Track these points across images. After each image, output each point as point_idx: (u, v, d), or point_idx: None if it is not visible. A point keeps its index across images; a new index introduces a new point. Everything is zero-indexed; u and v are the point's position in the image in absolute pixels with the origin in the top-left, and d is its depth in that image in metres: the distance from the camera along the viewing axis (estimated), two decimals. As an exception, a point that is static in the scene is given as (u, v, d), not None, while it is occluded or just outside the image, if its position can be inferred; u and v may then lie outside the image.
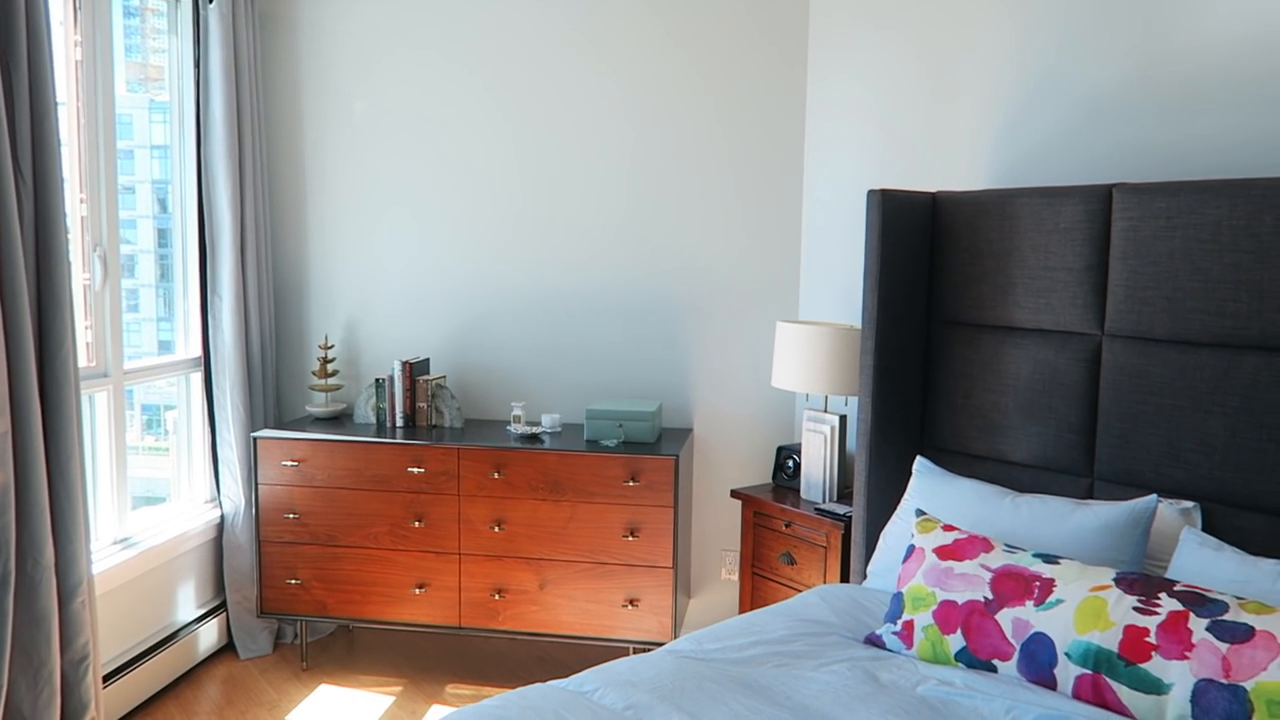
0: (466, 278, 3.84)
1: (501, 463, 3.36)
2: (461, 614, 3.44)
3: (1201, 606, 1.84)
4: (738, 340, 3.71)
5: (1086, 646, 1.91)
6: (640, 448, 3.36)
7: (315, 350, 3.91)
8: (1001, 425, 2.70)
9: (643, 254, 3.73)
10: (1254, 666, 1.71)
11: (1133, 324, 2.41)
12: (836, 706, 1.93)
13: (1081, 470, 2.54)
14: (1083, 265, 2.50)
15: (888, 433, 2.84)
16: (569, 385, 3.81)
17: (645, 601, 3.33)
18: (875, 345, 2.78)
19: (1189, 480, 2.31)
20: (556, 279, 3.78)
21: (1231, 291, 2.22)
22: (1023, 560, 2.13)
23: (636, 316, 3.75)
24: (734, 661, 2.15)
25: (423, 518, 3.41)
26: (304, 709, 3.28)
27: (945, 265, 2.83)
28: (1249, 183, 2.20)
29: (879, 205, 2.74)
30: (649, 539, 3.30)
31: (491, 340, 3.85)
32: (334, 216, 3.89)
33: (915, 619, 2.19)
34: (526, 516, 3.36)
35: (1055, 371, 2.58)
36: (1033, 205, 2.61)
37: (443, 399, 3.69)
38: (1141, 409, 2.40)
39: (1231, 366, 2.24)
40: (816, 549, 3.12)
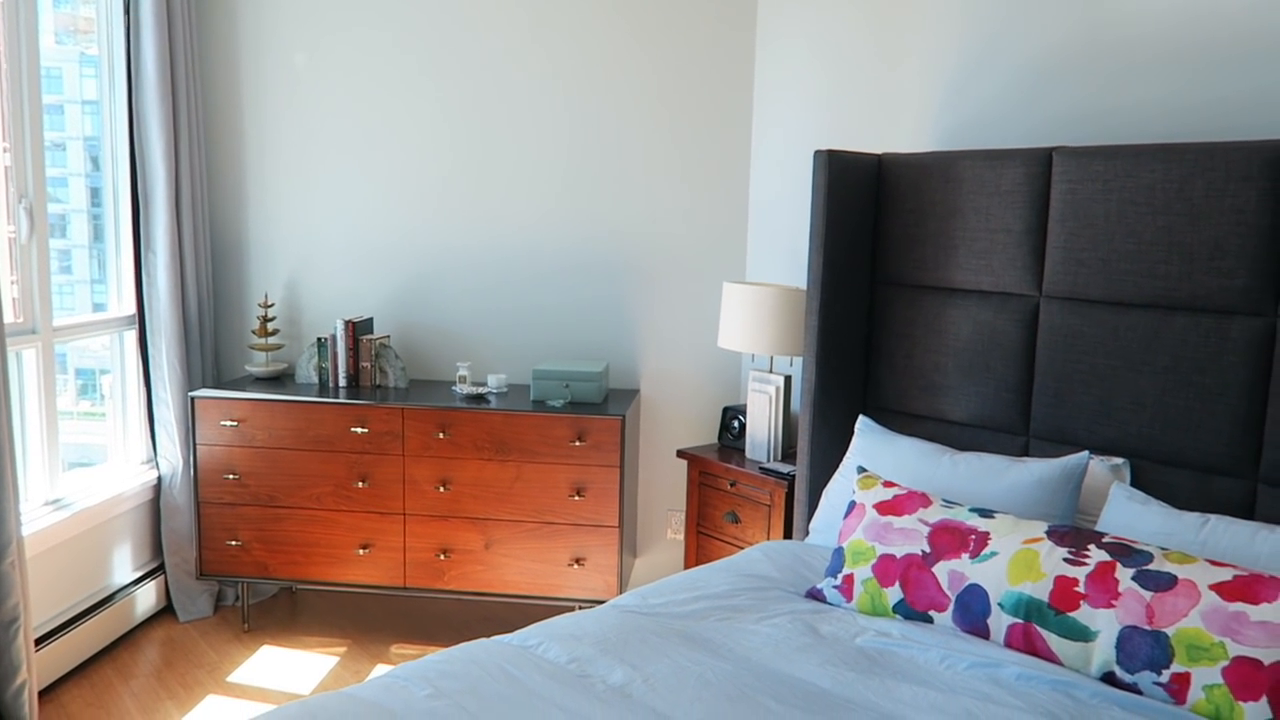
0: (411, 237, 3.78)
1: (447, 423, 3.33)
2: (406, 574, 3.43)
3: (1128, 557, 1.90)
4: (685, 301, 3.72)
5: (1018, 597, 1.96)
6: (587, 408, 3.36)
7: (255, 309, 3.83)
8: (942, 385, 2.75)
9: (590, 215, 3.71)
10: (1175, 613, 1.77)
11: (1069, 285, 2.46)
12: (777, 658, 1.97)
13: (1018, 429, 2.60)
14: (1023, 227, 2.54)
15: (831, 393, 2.87)
16: (515, 346, 3.79)
17: (591, 561, 3.35)
18: (820, 306, 2.81)
19: (1119, 437, 2.38)
20: (503, 238, 3.75)
21: (1163, 254, 2.28)
22: (959, 515, 2.18)
23: (584, 277, 3.74)
24: (678, 616, 2.17)
25: (366, 478, 3.38)
26: (245, 670, 3.25)
27: (890, 227, 2.85)
28: (1183, 147, 2.25)
29: (825, 166, 2.75)
30: (595, 499, 3.31)
31: (437, 300, 3.80)
32: (274, 172, 3.80)
33: (855, 573, 2.23)
34: (472, 476, 3.35)
35: (994, 332, 2.62)
36: (975, 168, 2.64)
37: (387, 359, 3.64)
38: (1076, 369, 2.46)
39: (1162, 327, 2.30)
40: (761, 507, 3.16)
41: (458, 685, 1.80)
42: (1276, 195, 2.11)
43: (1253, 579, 1.77)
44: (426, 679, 1.83)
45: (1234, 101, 2.34)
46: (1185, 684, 1.73)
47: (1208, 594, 1.77)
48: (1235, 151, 2.16)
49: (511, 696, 1.76)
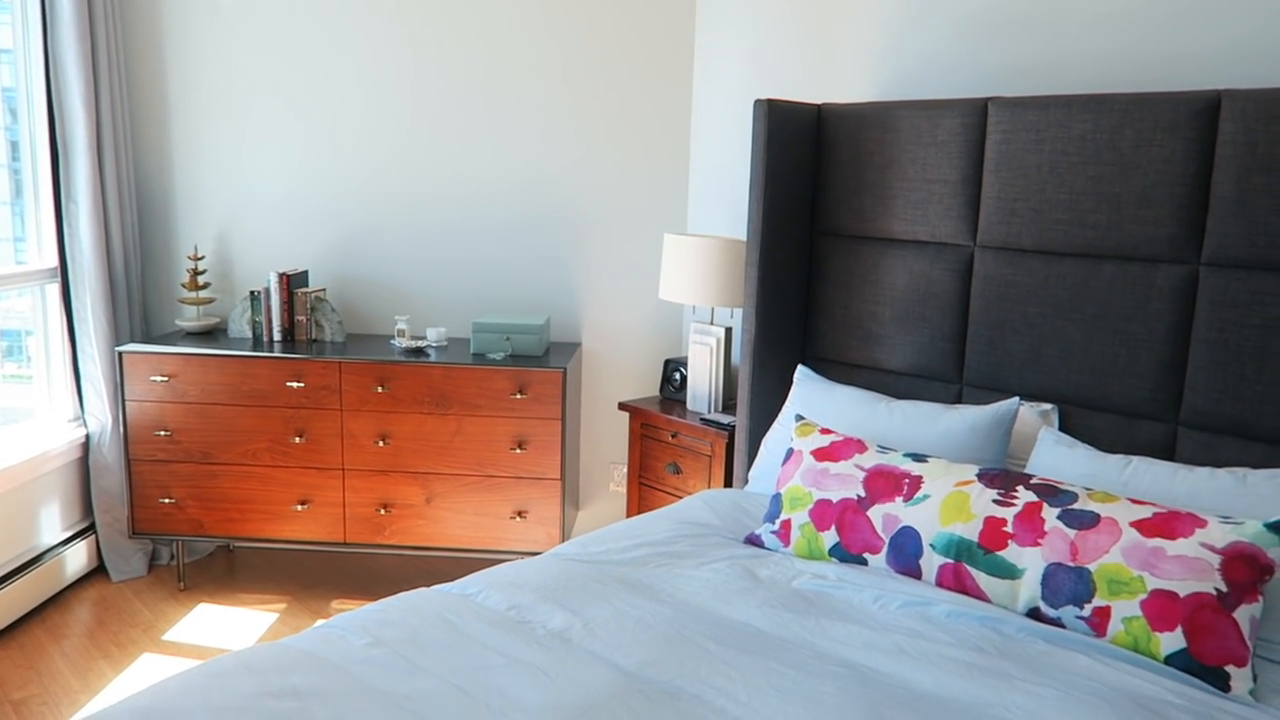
0: (346, 187, 3.69)
1: (385, 376, 3.29)
2: (346, 530, 3.39)
3: (1053, 497, 1.96)
4: (626, 254, 3.70)
5: (950, 538, 2.01)
6: (528, 361, 3.34)
7: (184, 261, 3.71)
8: (879, 335, 2.78)
9: (531, 166, 3.65)
10: (1098, 550, 1.83)
11: (1003, 235, 2.50)
12: (716, 601, 1.99)
13: (952, 377, 2.65)
14: (958, 178, 2.57)
15: (771, 343, 2.89)
16: (455, 299, 3.74)
17: (533, 513, 3.35)
18: (760, 257, 2.81)
19: (1049, 384, 2.44)
20: (442, 189, 3.68)
21: (1093, 203, 2.32)
22: (894, 460, 2.22)
23: (524, 229, 3.69)
24: (618, 563, 2.18)
25: (303, 433, 3.33)
26: (182, 628, 3.21)
27: (829, 177, 2.86)
28: (1112, 98, 2.28)
29: (765, 115, 2.74)
30: (537, 451, 3.31)
31: (374, 253, 3.73)
32: (201, 120, 3.66)
33: (792, 518, 2.27)
34: (412, 430, 3.31)
35: (930, 282, 2.66)
36: (913, 118, 2.65)
37: (323, 312, 3.57)
38: (1008, 317, 2.50)
39: (1091, 275, 2.35)
40: (702, 458, 3.18)
41: (397, 634, 1.80)
42: (1201, 146, 2.16)
43: (1171, 516, 1.83)
44: (365, 628, 1.82)
45: (1163, 54, 2.38)
46: (1106, 617, 1.80)
47: (1128, 531, 1.83)
48: (1163, 103, 2.20)
49: (451, 643, 1.76)
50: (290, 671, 1.64)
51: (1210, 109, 2.14)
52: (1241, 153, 2.10)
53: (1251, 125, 2.08)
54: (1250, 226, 2.10)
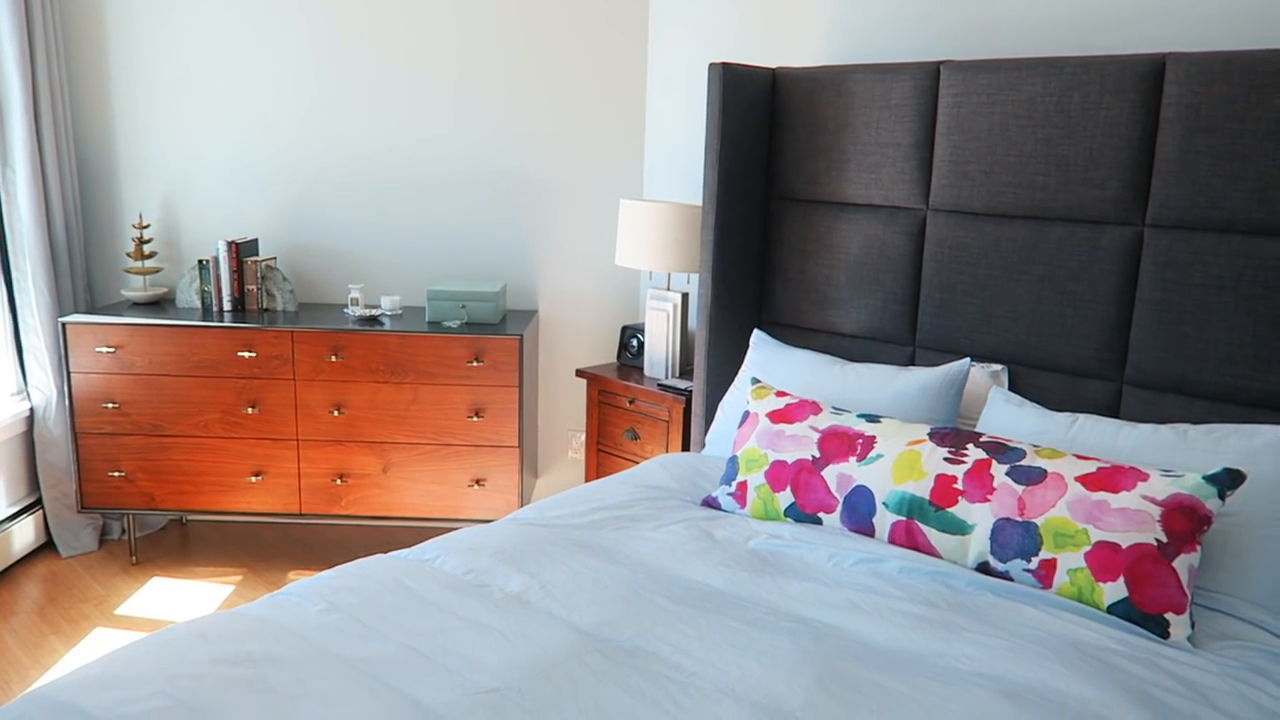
0: (297, 153, 3.62)
1: (339, 345, 3.25)
2: (302, 501, 3.36)
3: (1002, 454, 2.00)
4: (582, 220, 3.68)
5: (902, 495, 2.05)
6: (484, 328, 3.32)
7: (129, 230, 3.62)
8: (834, 298, 2.80)
9: (485, 130, 3.61)
10: (1044, 504, 1.88)
11: (954, 198, 2.52)
12: (672, 561, 2.01)
13: (905, 339, 2.68)
14: (911, 141, 2.59)
15: (727, 307, 2.90)
16: (409, 267, 3.70)
17: (491, 481, 3.34)
18: (715, 222, 2.81)
19: (999, 345, 2.48)
20: (395, 155, 3.62)
21: (1042, 166, 2.35)
22: (847, 420, 2.25)
23: (479, 196, 3.65)
24: (575, 526, 2.19)
25: (256, 404, 3.28)
26: (135, 602, 3.17)
27: (784, 141, 2.86)
28: (1061, 61, 2.31)
29: (720, 79, 2.73)
30: (494, 419, 3.30)
31: (325, 220, 3.66)
32: (143, 81, 3.56)
33: (748, 479, 2.29)
34: (367, 400, 3.28)
35: (884, 245, 2.68)
36: (867, 82, 2.66)
37: (274, 281, 3.51)
38: (959, 280, 2.54)
39: (1040, 237, 2.38)
40: (659, 423, 3.20)
41: (353, 599, 1.79)
42: (1146, 108, 2.19)
43: (1114, 470, 1.88)
44: (321, 595, 1.81)
45: (1112, 17, 2.40)
46: (1052, 569, 1.84)
47: (1074, 485, 1.87)
48: (1109, 66, 2.23)
49: (408, 607, 1.76)
50: (245, 639, 1.63)
51: (1155, 72, 2.17)
52: (1185, 115, 2.13)
53: (1195, 88, 2.11)
54: (1193, 188, 2.14)
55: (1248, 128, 2.06)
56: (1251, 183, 2.06)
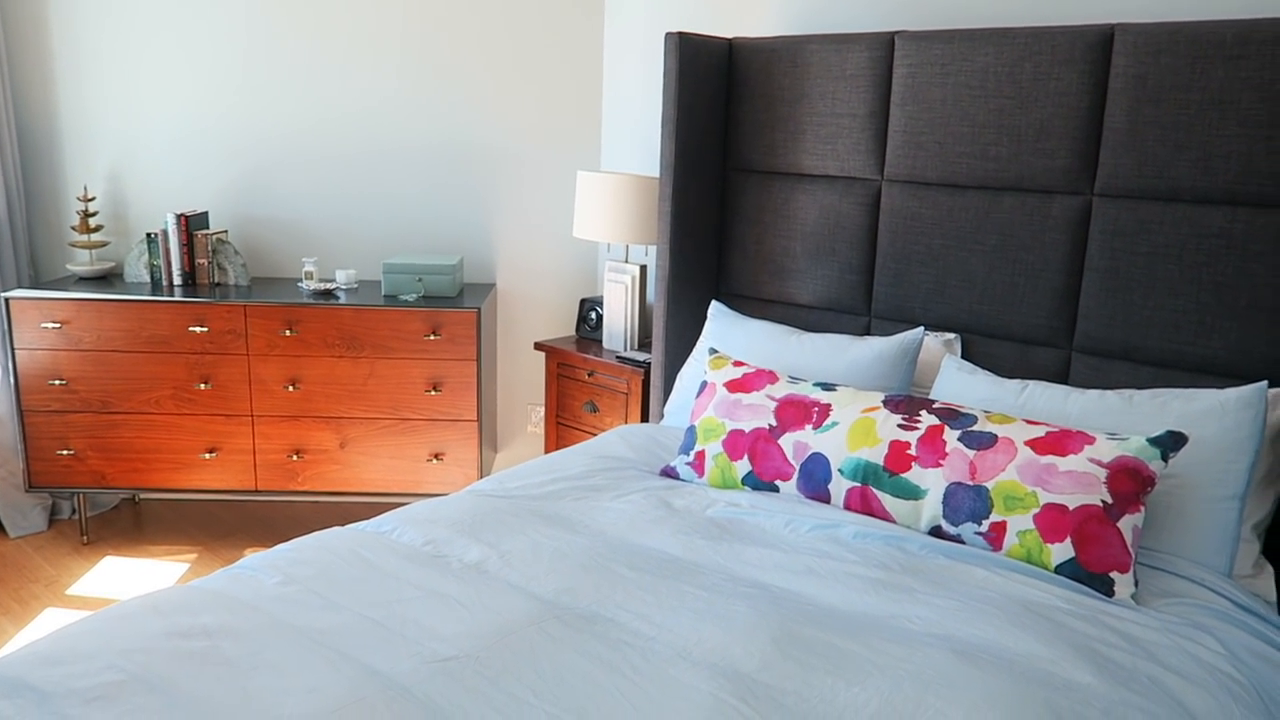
0: (247, 123, 3.54)
1: (293, 320, 3.20)
2: (258, 477, 3.32)
3: (954, 420, 2.03)
4: (540, 192, 3.65)
5: (857, 462, 2.07)
6: (441, 302, 3.29)
7: (73, 203, 3.53)
8: (791, 269, 2.82)
9: (440, 101, 3.56)
10: (995, 468, 1.91)
11: (909, 168, 2.54)
12: (631, 530, 2.02)
13: (861, 309, 2.71)
14: (866, 111, 2.60)
15: (685, 279, 2.90)
16: (365, 240, 3.65)
17: (450, 455, 3.33)
18: (673, 193, 2.81)
19: (952, 314, 2.52)
20: (349, 126, 3.56)
21: (994, 136, 2.38)
22: (804, 389, 2.27)
23: (435, 167, 3.61)
24: (534, 497, 2.19)
25: (209, 379, 3.23)
26: (87, 582, 3.12)
27: (741, 112, 2.86)
28: (1013, 31, 2.33)
29: (676, 49, 2.72)
30: (452, 393, 3.28)
31: (278, 193, 3.60)
32: (87, 49, 3.46)
33: (706, 449, 2.30)
34: (323, 375, 3.25)
35: (840, 216, 2.70)
36: (822, 52, 2.66)
37: (225, 255, 3.45)
38: (914, 250, 2.56)
39: (992, 207, 2.41)
40: (618, 396, 3.20)
41: (310, 571, 1.78)
42: (1095, 79, 2.22)
43: (1062, 434, 1.92)
44: (277, 567, 1.79)
45: (1062, -12, 2.43)
46: (1002, 532, 1.88)
47: (1023, 449, 1.91)
48: (1060, 36, 2.26)
49: (365, 578, 1.75)
50: (199, 612, 1.62)
51: (1104, 42, 2.20)
52: (1132, 85, 2.17)
53: (1142, 58, 2.14)
54: (1139, 157, 2.18)
55: (1192, 98, 2.09)
56: (1196, 152, 2.11)
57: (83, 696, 1.37)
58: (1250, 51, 2.01)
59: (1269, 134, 2.02)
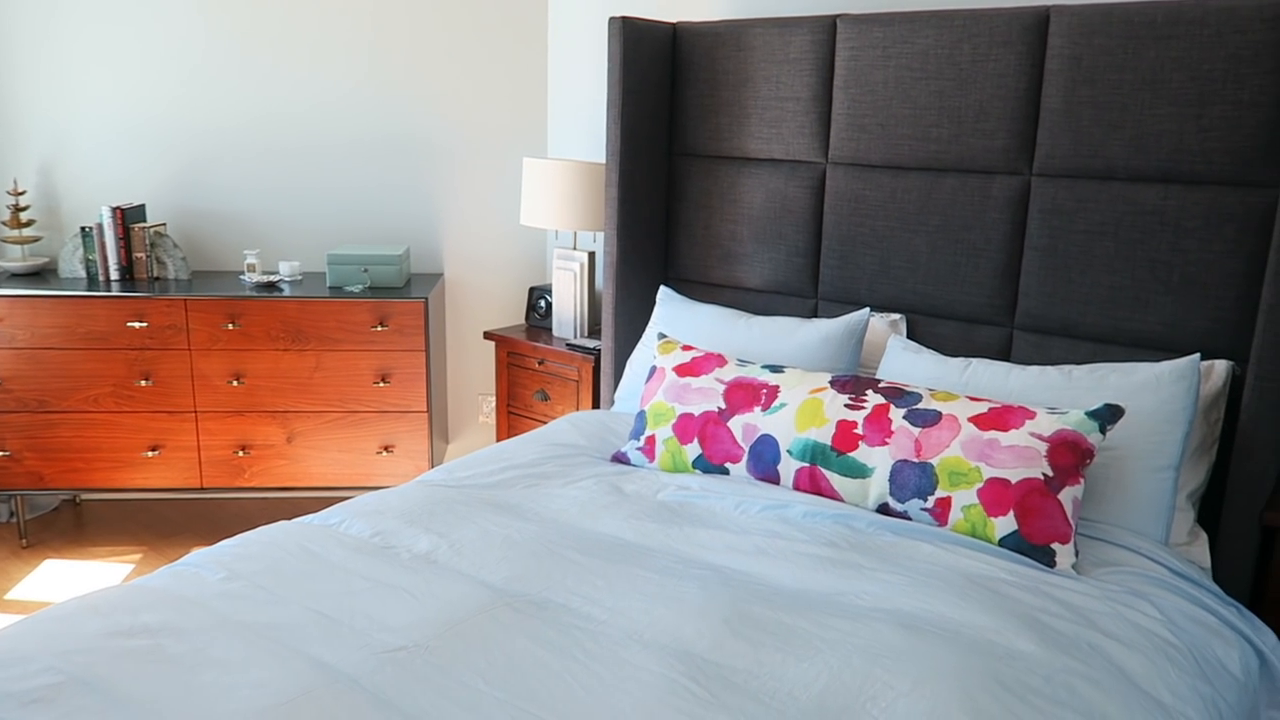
0: (184, 113, 3.45)
1: (236, 313, 3.14)
2: (203, 475, 3.26)
3: (900, 398, 2.05)
4: (486, 180, 3.62)
5: (805, 442, 2.09)
6: (388, 292, 3.25)
7: (4, 196, 3.42)
8: (738, 253, 2.83)
9: (382, 88, 3.50)
10: (939, 445, 1.94)
11: (852, 151, 2.56)
12: (582, 516, 2.02)
13: (808, 292, 2.73)
14: (810, 95, 2.61)
15: (633, 265, 2.90)
16: (308, 231, 3.58)
17: (401, 447, 3.30)
18: (619, 179, 2.80)
19: (897, 294, 2.54)
20: (289, 114, 3.49)
21: (935, 118, 2.41)
22: (752, 372, 2.28)
23: (379, 156, 3.55)
24: (485, 485, 2.18)
25: (150, 375, 3.16)
26: (26, 586, 3.04)
27: (686, 97, 2.86)
28: (951, 14, 2.35)
29: (620, 34, 2.71)
30: (401, 384, 3.24)
31: (217, 184, 3.52)
32: (16, 35, 3.34)
33: (656, 433, 2.31)
34: (268, 368, 3.19)
35: (785, 199, 2.71)
36: (766, 36, 2.67)
37: (164, 248, 3.37)
38: (859, 232, 2.58)
39: (934, 188, 2.44)
40: (569, 383, 3.19)
41: (255, 566, 1.75)
42: (1032, 60, 2.25)
43: (1004, 410, 1.96)
44: (221, 563, 1.76)
45: (998, -29, 2.46)
46: (947, 507, 1.91)
47: (967, 426, 1.94)
48: (997, 18, 2.29)
49: (312, 572, 1.73)
50: (141, 610, 1.58)
51: (1040, 24, 2.24)
52: (1068, 66, 2.20)
53: (1077, 39, 2.18)
54: (1075, 137, 2.22)
55: (1125, 78, 2.14)
56: (1130, 131, 2.15)
57: (19, 699, 1.34)
58: (1179, 32, 2.06)
59: (1198, 113, 2.07)
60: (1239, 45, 2.00)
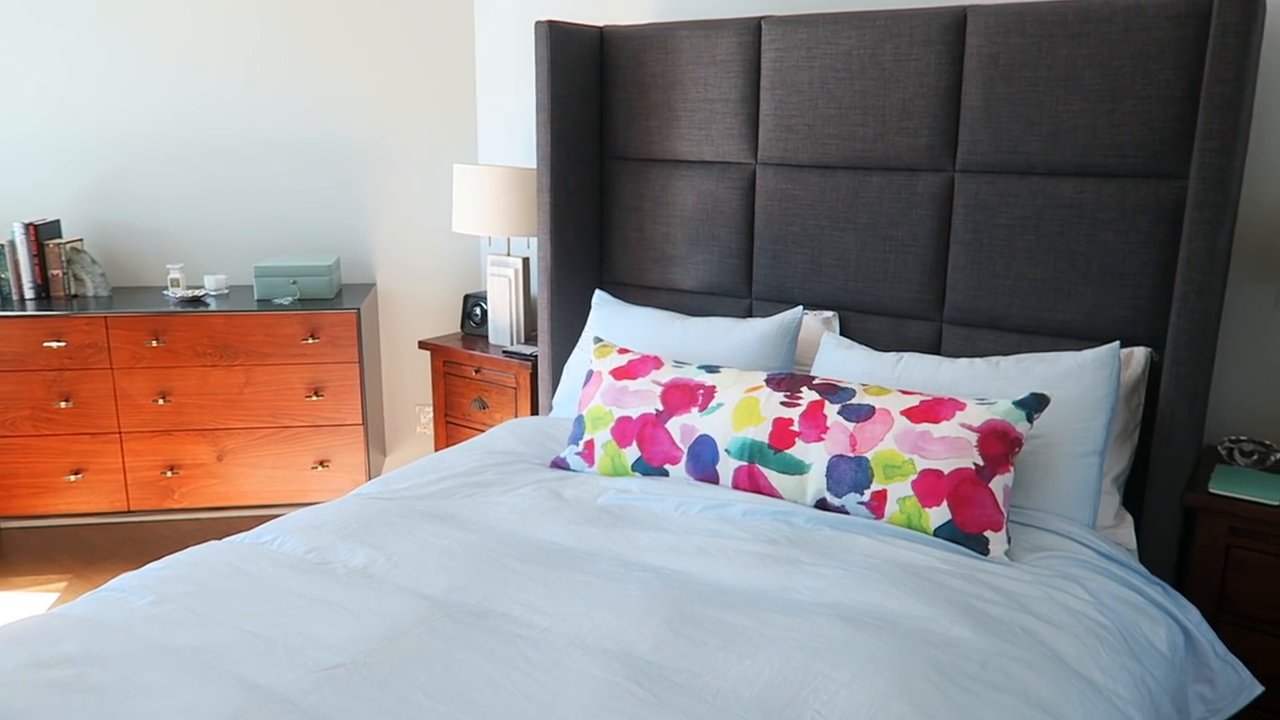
0: (99, 124, 3.34)
1: (160, 329, 3.05)
2: (129, 497, 3.16)
3: (834, 394, 2.08)
4: (417, 187, 3.57)
5: (743, 441, 2.10)
6: (318, 304, 3.19)
7: (-94, 216, 3.28)
8: (672, 255, 2.84)
9: (306, 95, 3.44)
10: (874, 439, 1.97)
11: (781, 151, 2.59)
12: (522, 524, 2.00)
13: (742, 292, 2.75)
14: (738, 96, 2.63)
15: (568, 270, 2.89)
16: (234, 244, 3.50)
17: (336, 461, 3.24)
18: (551, 183, 2.79)
19: (829, 292, 2.58)
20: (210, 124, 3.40)
21: (860, 117, 2.44)
22: (688, 372, 2.29)
23: (306, 165, 3.49)
24: (422, 496, 2.15)
25: (70, 397, 3.05)
26: (-56, 620, 2.91)
27: (615, 100, 2.86)
28: (873, 14, 2.39)
29: (547, 38, 2.70)
30: (335, 397, 3.18)
31: (136, 195, 3.42)
32: (-90, 52, 3.22)
33: (595, 437, 2.30)
34: (195, 385, 3.11)
35: (717, 201, 2.73)
36: (693, 38, 2.68)
37: (81, 265, 3.26)
38: (790, 231, 2.61)
39: (861, 186, 2.48)
40: (507, 390, 3.17)
41: (184, 589, 1.70)
42: (952, 59, 2.30)
43: (935, 402, 1.99)
44: (148, 587, 1.71)
45: (917, -28, 2.51)
46: (883, 500, 1.94)
47: (899, 419, 1.97)
48: (916, 18, 2.33)
49: (244, 591, 1.68)
50: (62, 639, 1.52)
51: (958, 23, 2.28)
52: (986, 65, 2.26)
53: (993, 38, 2.23)
54: (995, 134, 2.27)
55: (1040, 75, 2.19)
56: (1046, 127, 2.21)
57: (-69, 739, 1.28)
58: (1090, 30, 2.12)
59: (1110, 108, 2.13)
60: (1146, 42, 2.07)
